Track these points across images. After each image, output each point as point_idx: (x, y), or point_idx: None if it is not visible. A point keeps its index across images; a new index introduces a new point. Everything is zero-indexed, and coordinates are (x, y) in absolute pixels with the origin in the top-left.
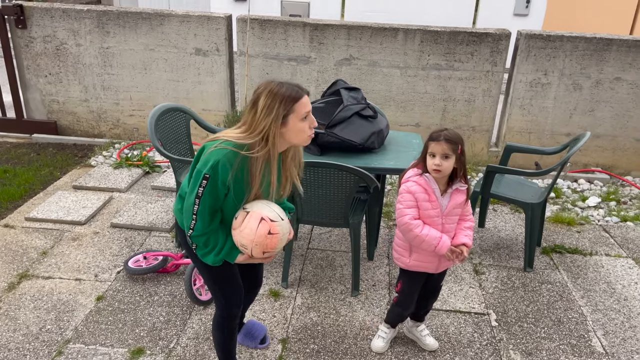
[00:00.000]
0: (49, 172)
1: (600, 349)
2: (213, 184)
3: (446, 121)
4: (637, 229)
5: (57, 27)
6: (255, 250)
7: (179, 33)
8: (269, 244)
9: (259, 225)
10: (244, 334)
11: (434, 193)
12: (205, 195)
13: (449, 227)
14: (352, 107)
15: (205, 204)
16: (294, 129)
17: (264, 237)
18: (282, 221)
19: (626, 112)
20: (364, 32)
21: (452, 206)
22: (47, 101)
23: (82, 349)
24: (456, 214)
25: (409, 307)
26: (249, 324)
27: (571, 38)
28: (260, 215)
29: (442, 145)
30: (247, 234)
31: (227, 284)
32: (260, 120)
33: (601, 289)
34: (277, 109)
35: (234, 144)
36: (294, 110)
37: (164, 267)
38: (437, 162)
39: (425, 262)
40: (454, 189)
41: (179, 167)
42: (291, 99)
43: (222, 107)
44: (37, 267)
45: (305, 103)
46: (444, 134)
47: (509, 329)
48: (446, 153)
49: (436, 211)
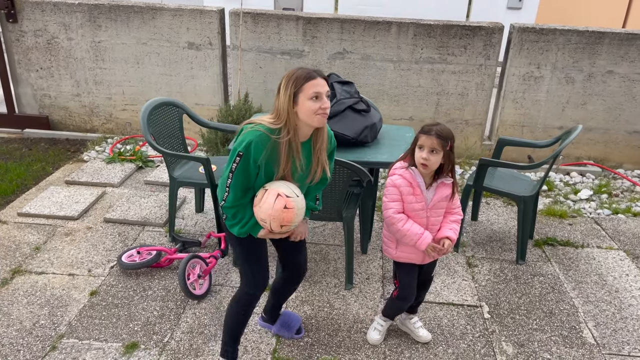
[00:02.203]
0: (41, 167)
1: (592, 340)
2: (245, 162)
3: (439, 115)
4: (628, 222)
5: (48, 21)
6: (273, 224)
7: (171, 27)
8: (285, 218)
9: (276, 201)
10: (280, 324)
11: (419, 187)
12: (238, 171)
13: (434, 220)
14: (345, 101)
15: (237, 179)
16: (303, 108)
17: (280, 211)
18: (296, 197)
19: (618, 105)
20: (357, 25)
21: (437, 199)
22: (39, 96)
23: (76, 343)
24: (442, 207)
25: (409, 299)
26: (285, 314)
27: (564, 31)
28: (277, 192)
29: (432, 139)
30: (266, 208)
31: (255, 263)
32: (280, 102)
33: (592, 280)
34: (289, 87)
35: (266, 128)
36: (303, 89)
37: (157, 262)
38: (424, 155)
39: (411, 254)
40: (439, 183)
41: (172, 162)
42: (302, 79)
43: (215, 101)
44: (30, 262)
45: (315, 84)
46: (435, 128)
47: (501, 320)
48: (435, 148)
49: (421, 204)
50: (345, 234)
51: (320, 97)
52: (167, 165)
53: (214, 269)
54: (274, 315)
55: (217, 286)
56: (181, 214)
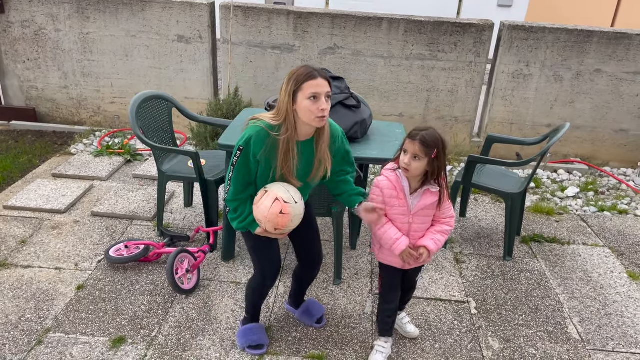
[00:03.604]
0: (28, 160)
1: (577, 336)
2: (245, 156)
3: (429, 111)
4: (614, 219)
5: (35, 11)
6: (268, 226)
7: (161, 19)
8: (279, 222)
9: (273, 204)
10: (302, 311)
11: (403, 191)
12: (239, 165)
13: (416, 227)
14: (336, 96)
15: (238, 173)
16: (301, 107)
17: (275, 215)
18: (294, 204)
19: (605, 103)
20: (348, 21)
21: (421, 207)
22: (26, 87)
23: (63, 338)
24: (426, 215)
25: (390, 300)
26: (309, 302)
27: (553, 30)
28: (275, 196)
29: (416, 145)
30: (262, 210)
31: (263, 254)
32: (281, 99)
33: (578, 277)
34: (290, 85)
35: (266, 124)
36: (302, 88)
37: (145, 256)
38: (406, 160)
39: (392, 257)
40: (424, 190)
41: (161, 156)
42: (302, 78)
43: (204, 95)
44: (16, 256)
45: (315, 84)
46: (421, 134)
47: (488, 316)
48: (417, 154)
49: (403, 209)
50: (334, 229)
51: (319, 97)
52: (155, 159)
53: (202, 264)
54: (298, 300)
55: (206, 281)
56: (170, 208)
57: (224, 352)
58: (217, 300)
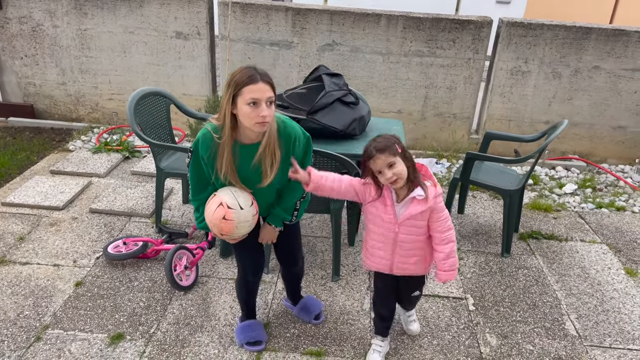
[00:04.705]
0: (26, 157)
1: (574, 332)
2: (195, 157)
3: (428, 108)
4: (611, 216)
5: (33, 7)
6: (214, 230)
7: (159, 16)
8: (223, 228)
9: (217, 209)
10: (300, 307)
11: (391, 198)
12: (192, 166)
13: (404, 237)
14: (334, 93)
15: (193, 174)
16: (241, 112)
17: (218, 220)
18: (240, 210)
19: (603, 100)
20: (346, 17)
21: (407, 216)
22: (23, 84)
23: (61, 334)
24: (414, 226)
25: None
26: (306, 298)
27: (551, 26)
28: (220, 200)
29: (380, 157)
30: (207, 214)
31: (242, 251)
32: (222, 102)
33: (575, 273)
34: (229, 89)
35: (212, 126)
36: (242, 92)
37: (144, 253)
38: (388, 175)
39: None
40: (410, 198)
41: (159, 152)
42: (241, 82)
43: (203, 91)
44: (15, 252)
45: (254, 89)
46: (372, 147)
47: (485, 312)
48: (389, 162)
49: (389, 217)
50: (332, 226)
51: (259, 103)
52: (154, 156)
53: (201, 260)
54: (295, 297)
55: (204, 277)
56: (168, 204)
57: (222, 348)
58: (216, 297)
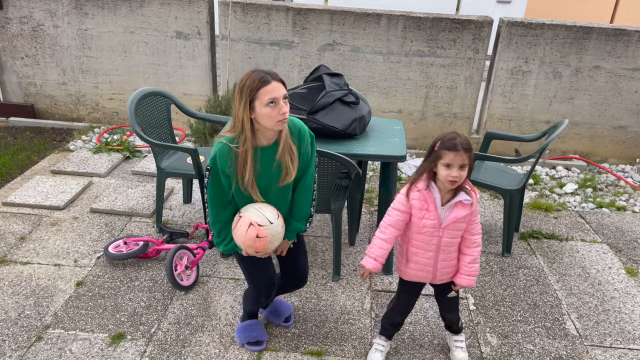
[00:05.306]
0: (27, 157)
1: (574, 332)
2: (215, 174)
3: (428, 108)
4: (612, 215)
5: (33, 7)
6: (249, 250)
7: (159, 16)
8: (258, 246)
9: (248, 229)
10: (269, 310)
11: (434, 203)
12: (210, 185)
13: (447, 241)
14: (335, 93)
15: (212, 193)
16: (261, 114)
17: (252, 239)
18: (270, 225)
19: (604, 100)
20: (347, 17)
21: (452, 220)
22: (24, 84)
23: (62, 334)
24: (457, 229)
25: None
26: (275, 301)
27: (552, 26)
28: (250, 221)
29: (462, 156)
30: (239, 236)
31: (253, 270)
32: (237, 111)
33: (576, 273)
34: (244, 96)
35: (227, 139)
36: (258, 96)
37: (144, 253)
38: (454, 174)
39: (419, 271)
40: (456, 202)
41: (160, 152)
42: (255, 86)
43: (203, 91)
44: (15, 252)
45: (270, 90)
46: (460, 142)
47: (486, 312)
48: (464, 163)
49: (433, 222)
50: (333, 225)
51: (277, 102)
52: (154, 156)
53: (201, 260)
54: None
55: (205, 277)
56: (169, 204)
57: (223, 348)
58: (216, 297)
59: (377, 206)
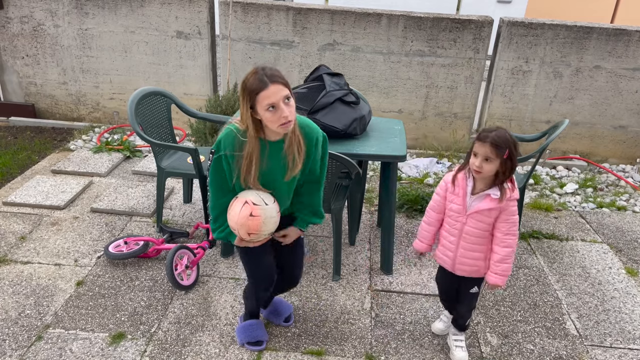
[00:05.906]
0: (27, 156)
1: (574, 332)
2: (218, 159)
3: (428, 108)
4: (612, 215)
5: (34, 7)
6: (241, 232)
7: (159, 15)
8: (251, 226)
9: (242, 208)
10: (269, 310)
11: (464, 189)
12: (212, 169)
13: (469, 229)
14: (335, 93)
15: (214, 176)
16: (263, 117)
17: (245, 218)
18: (265, 205)
19: (604, 100)
20: (347, 17)
21: (476, 209)
22: (25, 84)
23: (62, 333)
24: (481, 221)
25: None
26: (275, 301)
27: (552, 26)
28: (244, 199)
29: (486, 147)
30: (233, 215)
31: (253, 263)
32: (241, 108)
33: (576, 273)
34: (246, 99)
35: (235, 127)
36: (258, 100)
37: (145, 252)
38: (477, 163)
39: (442, 256)
40: (485, 194)
41: (160, 152)
42: (254, 92)
43: (203, 91)
44: (16, 252)
45: (269, 94)
46: (491, 136)
47: (486, 312)
48: (488, 156)
49: (459, 207)
50: (333, 225)
51: (277, 106)
52: (155, 156)
53: (201, 260)
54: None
55: (205, 277)
56: (169, 204)
57: (223, 347)
58: (217, 296)
59: (377, 206)
